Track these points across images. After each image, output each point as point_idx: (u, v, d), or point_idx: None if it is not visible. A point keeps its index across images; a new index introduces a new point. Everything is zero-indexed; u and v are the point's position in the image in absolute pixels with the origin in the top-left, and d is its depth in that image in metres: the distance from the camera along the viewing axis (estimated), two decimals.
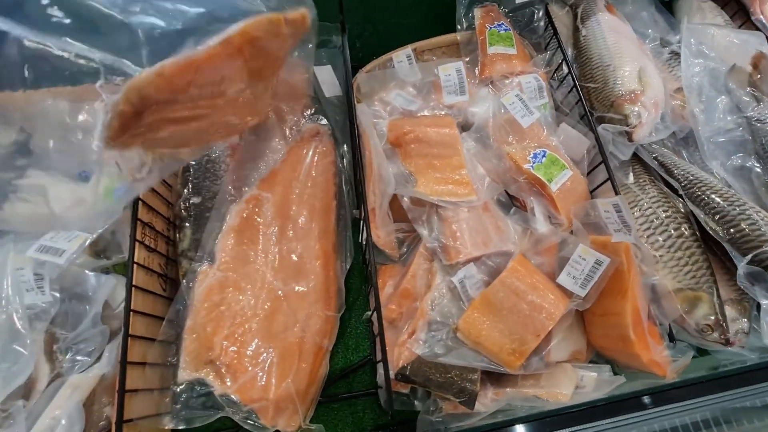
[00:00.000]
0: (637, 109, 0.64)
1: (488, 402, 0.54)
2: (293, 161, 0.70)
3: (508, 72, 0.76)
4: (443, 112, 0.73)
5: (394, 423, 0.59)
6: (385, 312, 0.60)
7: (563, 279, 0.58)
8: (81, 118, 0.65)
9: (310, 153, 0.72)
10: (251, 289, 0.60)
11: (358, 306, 0.69)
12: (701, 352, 0.62)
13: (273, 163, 0.69)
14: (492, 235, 0.62)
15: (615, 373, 0.59)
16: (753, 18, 0.81)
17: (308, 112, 0.76)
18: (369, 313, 0.64)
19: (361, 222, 0.67)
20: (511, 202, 0.69)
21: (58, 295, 0.51)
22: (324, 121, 0.77)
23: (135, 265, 0.54)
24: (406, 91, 0.76)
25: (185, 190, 0.67)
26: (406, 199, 0.64)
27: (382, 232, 0.63)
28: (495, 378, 0.57)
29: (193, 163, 0.68)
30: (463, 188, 0.63)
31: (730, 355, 0.60)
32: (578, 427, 0.55)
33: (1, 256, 0.50)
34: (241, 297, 0.60)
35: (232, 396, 0.56)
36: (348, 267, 0.69)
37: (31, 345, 0.47)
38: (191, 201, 0.67)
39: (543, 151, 0.67)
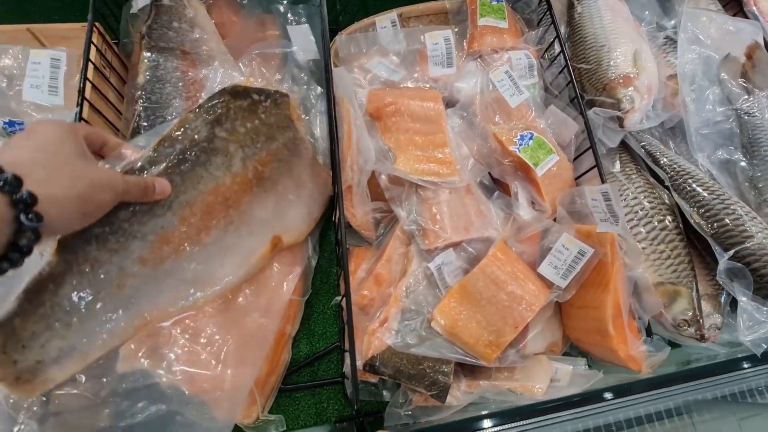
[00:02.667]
0: (630, 93, 0.61)
1: (460, 395, 0.51)
2: None
3: (497, 46, 0.71)
4: (428, 86, 0.68)
5: (360, 415, 0.55)
6: (355, 298, 0.56)
7: (544, 269, 0.55)
8: (9, 63, 0.56)
9: None
10: None
11: (326, 289, 0.64)
12: (672, 345, 0.61)
13: None
14: (473, 219, 0.58)
15: (589, 366, 0.57)
16: (746, 9, 0.79)
17: (277, 77, 0.69)
18: (338, 298, 0.59)
19: (335, 200, 0.62)
20: (495, 186, 0.65)
21: None
22: (295, 88, 0.70)
23: None
24: (389, 59, 0.70)
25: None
26: (383, 176, 0.59)
27: (358, 212, 0.58)
28: (468, 370, 0.54)
29: (145, 124, 0.60)
30: (446, 168, 0.58)
31: (701, 349, 0.60)
32: (539, 419, 0.54)
33: None
34: None
35: (182, 387, 0.51)
36: (317, 247, 0.63)
37: None
38: None
39: (530, 133, 0.63)
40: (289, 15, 0.74)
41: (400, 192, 0.59)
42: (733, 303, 0.59)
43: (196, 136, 0.50)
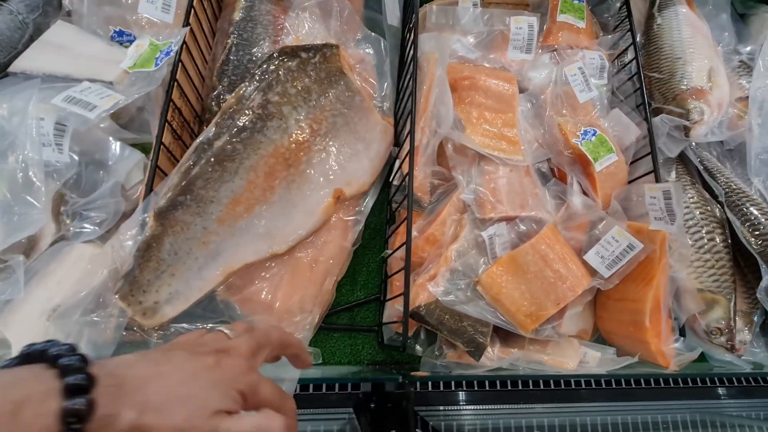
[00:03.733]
0: (700, 105, 0.62)
1: (494, 358, 0.54)
2: None
3: (572, 44, 0.73)
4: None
5: (391, 361, 0.58)
6: (404, 252, 0.59)
7: (591, 257, 0.57)
8: None
9: None
10: None
11: (373, 245, 0.67)
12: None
13: None
14: (529, 199, 0.60)
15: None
16: None
17: (357, 36, 0.72)
18: (388, 251, 0.62)
19: (396, 160, 0.65)
20: (551, 174, 0.67)
21: (76, 157, 0.47)
22: (370, 51, 0.72)
23: (162, 146, 0.51)
24: (466, 39, 0.72)
25: (220, 86, 0.62)
26: (449, 145, 0.61)
27: (420, 173, 0.60)
28: (503, 337, 0.57)
29: (233, 58, 0.63)
30: (512, 146, 0.61)
31: (724, 362, 0.62)
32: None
33: (23, 101, 0.45)
34: None
35: (234, 303, 0.55)
36: (371, 204, 0.66)
37: (46, 200, 0.43)
38: (224, 98, 0.62)
39: (594, 129, 0.65)
40: None
41: (463, 162, 0.61)
42: (764, 325, 0.61)
43: (251, 104, 0.53)
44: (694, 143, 0.67)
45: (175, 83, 0.54)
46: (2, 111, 0.46)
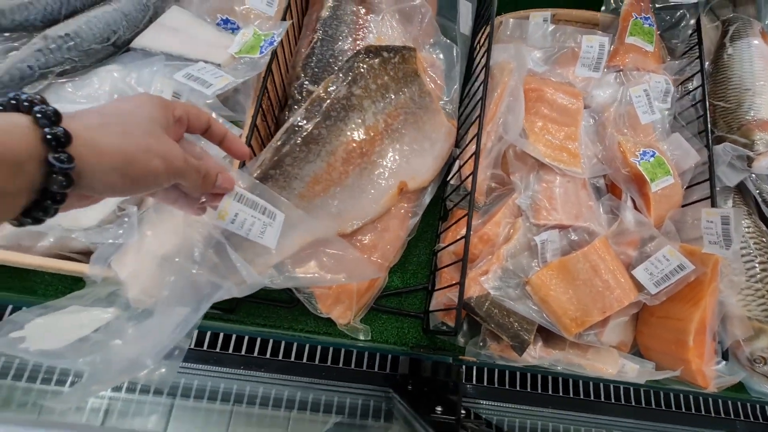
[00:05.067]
0: (766, 137, 0.63)
1: (536, 355, 0.57)
2: None
3: (638, 66, 0.75)
4: None
5: (434, 346, 0.62)
6: (456, 248, 0.63)
7: (639, 273, 0.59)
8: None
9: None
10: None
11: (425, 238, 0.71)
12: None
13: None
14: (583, 210, 0.63)
15: None
16: None
17: (431, 41, 0.76)
18: (441, 245, 0.66)
19: (456, 161, 0.69)
20: (606, 190, 0.69)
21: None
22: (441, 56, 0.77)
23: (255, 128, 0.56)
24: (534, 53, 0.75)
25: (303, 76, 0.68)
26: (511, 151, 0.65)
27: (480, 176, 0.64)
28: (545, 338, 0.59)
29: (317, 52, 0.69)
30: (572, 158, 0.64)
31: (761, 393, 0.62)
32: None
33: (149, 73, 0.52)
34: None
35: (297, 273, 0.60)
36: (429, 200, 0.70)
37: None
38: (306, 87, 0.68)
39: (653, 151, 0.67)
40: None
41: (522, 168, 0.65)
42: None
43: (337, 95, 0.58)
44: (754, 174, 0.67)
45: (271, 70, 0.59)
46: (131, 80, 0.53)
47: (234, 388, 0.66)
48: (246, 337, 0.69)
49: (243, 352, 0.67)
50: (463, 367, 0.64)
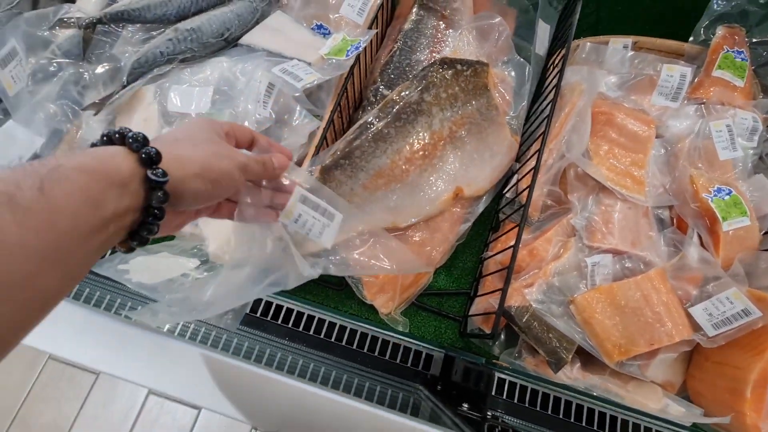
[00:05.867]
0: None
1: (571, 376, 0.56)
2: None
3: (724, 100, 0.72)
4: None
5: (469, 349, 0.64)
6: (503, 258, 0.64)
7: (697, 311, 0.57)
8: None
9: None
10: None
11: (472, 245, 0.73)
12: None
13: None
14: (642, 239, 0.61)
15: None
16: None
17: (504, 58, 0.78)
18: (489, 253, 0.67)
19: (515, 175, 0.70)
20: (670, 222, 0.67)
21: (273, 115, 0.61)
22: (512, 73, 0.79)
23: (332, 122, 0.63)
24: (609, 77, 0.75)
25: (380, 81, 0.74)
26: (572, 171, 0.65)
27: (536, 191, 0.65)
28: (584, 361, 0.58)
29: (395, 60, 0.75)
30: (636, 185, 0.63)
31: None
32: None
33: (252, 66, 0.61)
34: None
35: (348, 258, 0.64)
36: (482, 209, 0.72)
37: None
38: (381, 91, 0.74)
39: (729, 189, 0.63)
40: (530, 14, 0.84)
41: (581, 189, 0.65)
42: None
43: (408, 100, 0.62)
44: None
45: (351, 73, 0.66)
46: (236, 70, 0.61)
47: (277, 356, 0.72)
48: (294, 312, 0.75)
49: (290, 325, 0.73)
50: (494, 378, 0.65)
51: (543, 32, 0.80)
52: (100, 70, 0.58)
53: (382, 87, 0.73)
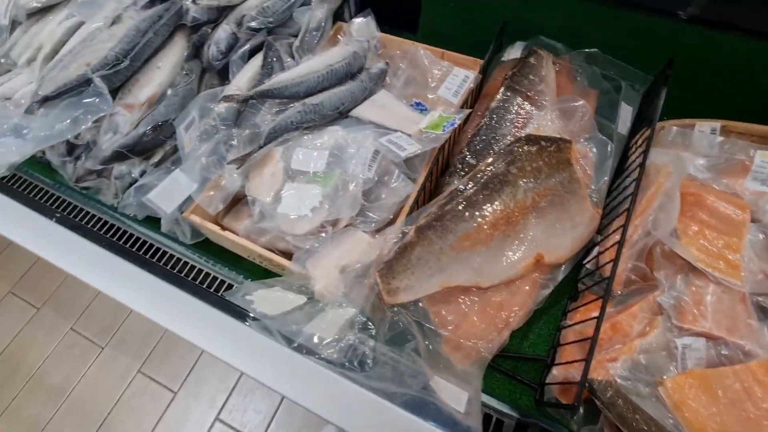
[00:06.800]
0: None
1: None
2: None
3: None
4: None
5: (542, 418, 0.63)
6: (583, 328, 0.64)
7: None
8: (436, 72, 0.86)
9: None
10: None
11: (550, 312, 0.74)
12: None
13: None
14: (740, 326, 0.59)
15: None
16: None
17: (587, 135, 0.83)
18: (567, 321, 0.68)
19: (596, 246, 0.72)
20: None
21: (375, 177, 0.71)
22: (594, 149, 0.83)
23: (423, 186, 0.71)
24: (697, 159, 0.76)
25: (467, 151, 0.82)
26: (658, 248, 0.66)
27: (621, 265, 0.66)
28: None
29: (482, 134, 0.83)
30: (731, 269, 0.61)
31: None
32: None
33: (362, 136, 0.72)
34: None
35: (429, 311, 0.69)
36: (561, 277, 0.74)
37: (353, 200, 0.67)
38: (468, 160, 0.82)
39: None
40: (611, 95, 0.89)
41: (669, 267, 0.64)
42: None
43: (496, 171, 0.69)
44: None
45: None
46: (349, 138, 0.73)
47: None
48: None
49: None
50: None
51: (625, 113, 0.84)
52: (244, 133, 0.73)
53: (468, 156, 0.81)
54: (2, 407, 1.38)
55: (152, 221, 0.82)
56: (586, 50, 0.93)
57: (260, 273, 0.77)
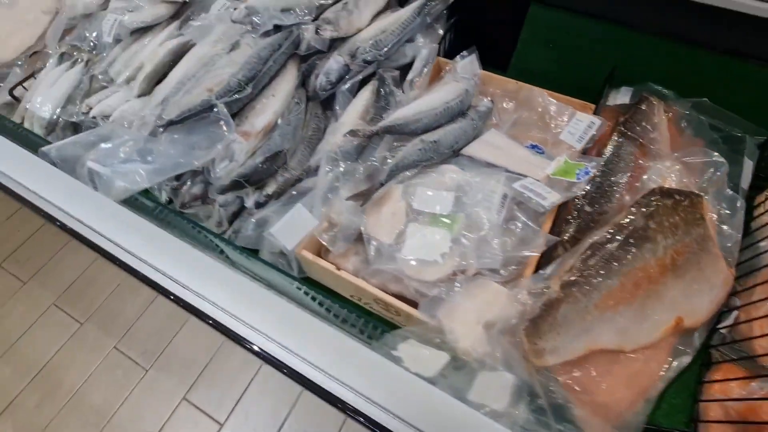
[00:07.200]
0: None
1: None
2: None
3: None
4: None
5: None
6: (740, 407, 0.59)
7: None
8: (554, 114, 0.84)
9: None
10: None
11: (680, 380, 0.68)
12: None
13: None
14: None
15: None
16: None
17: (714, 190, 0.80)
18: (711, 396, 0.62)
19: (734, 311, 0.67)
20: None
21: (504, 225, 0.67)
22: (724, 205, 0.79)
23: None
24: None
25: (582, 196, 0.78)
26: None
27: (756, 331, 0.61)
28: None
29: (598, 180, 0.79)
30: None
31: None
32: None
33: (493, 180, 0.69)
34: None
35: (559, 379, 0.63)
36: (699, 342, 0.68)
37: (499, 240, 0.63)
38: (583, 208, 0.78)
39: None
40: (719, 147, 0.86)
41: None
42: None
43: (635, 225, 0.65)
44: None
45: None
46: (476, 181, 0.70)
47: None
48: None
49: None
50: None
51: (747, 168, 0.81)
52: (364, 169, 0.70)
53: (584, 204, 0.78)
54: (42, 426, 1.32)
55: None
56: (694, 99, 0.91)
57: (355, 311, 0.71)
